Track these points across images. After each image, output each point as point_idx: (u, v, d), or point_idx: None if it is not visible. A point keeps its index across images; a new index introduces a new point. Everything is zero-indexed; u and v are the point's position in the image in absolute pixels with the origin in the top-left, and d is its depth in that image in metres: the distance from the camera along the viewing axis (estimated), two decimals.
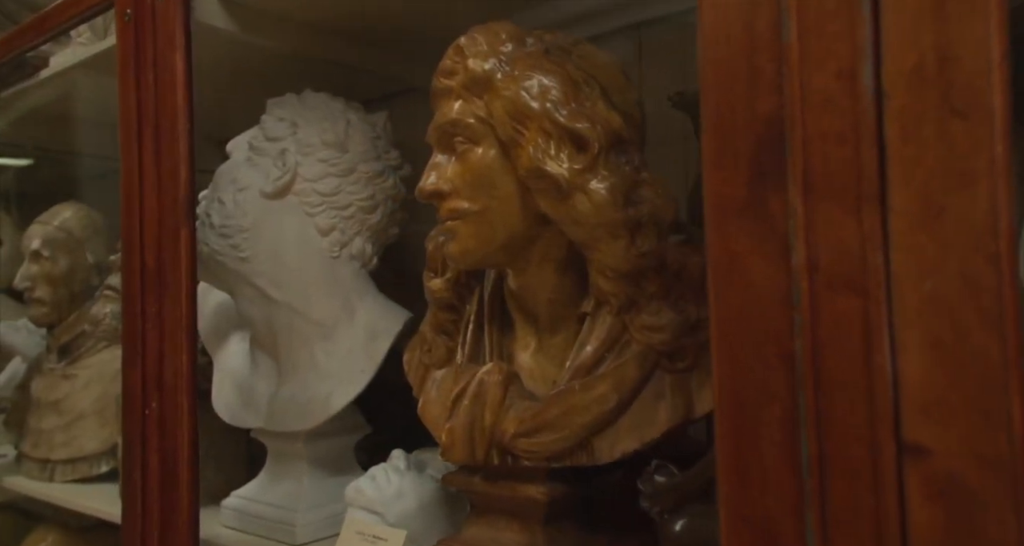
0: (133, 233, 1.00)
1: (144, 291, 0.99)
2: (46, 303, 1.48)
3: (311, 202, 1.03)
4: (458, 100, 0.78)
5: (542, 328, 0.85)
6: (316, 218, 1.03)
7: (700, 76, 0.49)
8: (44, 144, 1.80)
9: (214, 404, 1.11)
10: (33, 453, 1.49)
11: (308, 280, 1.03)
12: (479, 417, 0.78)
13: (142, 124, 0.99)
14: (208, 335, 1.17)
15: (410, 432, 1.33)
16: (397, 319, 1.06)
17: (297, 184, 1.03)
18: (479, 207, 0.78)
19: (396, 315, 1.07)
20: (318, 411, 1.01)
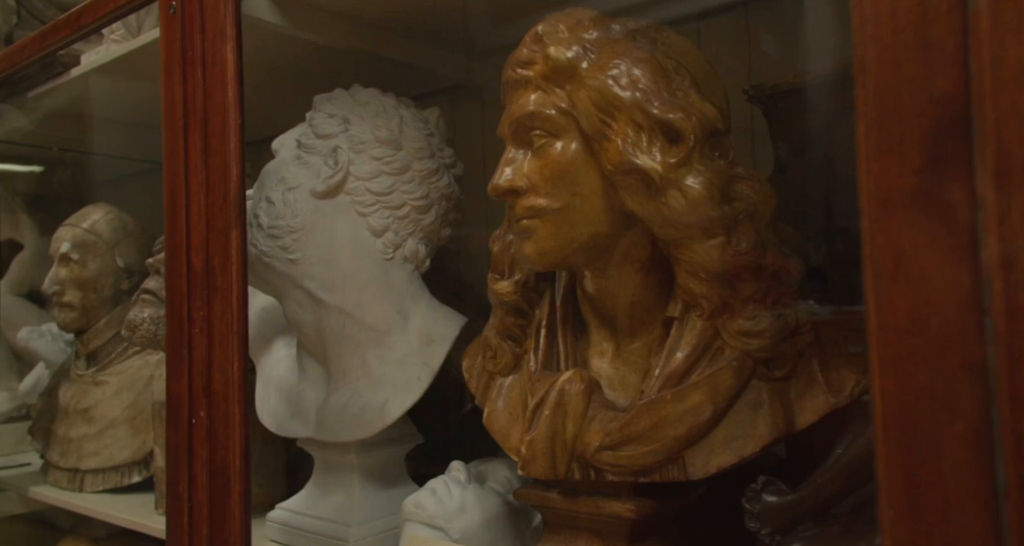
0: (179, 234, 0.95)
1: (191, 294, 0.94)
2: (75, 308, 1.44)
3: (364, 201, 0.98)
4: (536, 91, 0.74)
5: (620, 333, 0.80)
6: (369, 218, 0.99)
7: (856, 57, 0.44)
8: (70, 145, 1.75)
9: (259, 413, 1.07)
10: (61, 462, 1.44)
11: (361, 283, 0.98)
12: (560, 428, 0.73)
13: (189, 120, 0.94)
14: (252, 341, 1.12)
15: (457, 442, 1.29)
16: (453, 324, 1.01)
17: (349, 183, 0.98)
18: (559, 205, 0.74)
19: (452, 320, 1.02)
20: (373, 420, 0.96)
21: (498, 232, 0.89)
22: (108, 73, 1.37)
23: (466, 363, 0.94)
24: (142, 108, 1.61)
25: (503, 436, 0.83)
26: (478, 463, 0.99)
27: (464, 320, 1.02)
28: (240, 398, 0.89)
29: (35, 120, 1.58)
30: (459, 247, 1.27)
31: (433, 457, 1.16)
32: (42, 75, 1.42)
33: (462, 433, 1.25)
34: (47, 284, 1.43)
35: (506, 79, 0.78)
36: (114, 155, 1.80)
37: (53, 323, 1.89)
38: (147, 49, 1.28)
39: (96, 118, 1.67)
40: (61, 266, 1.44)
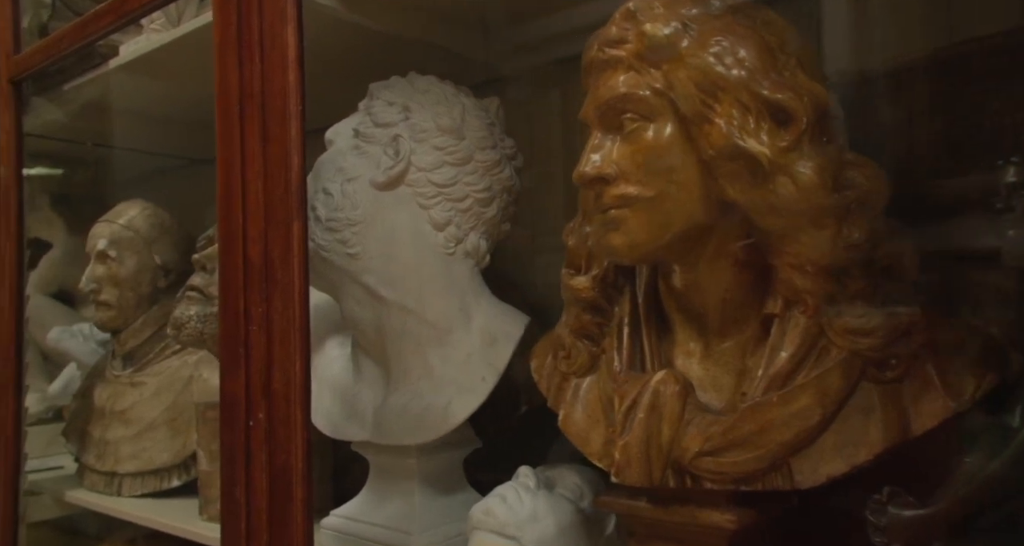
0: (234, 226, 0.91)
1: (247, 289, 0.89)
2: (112, 306, 1.40)
3: (425, 193, 0.94)
4: (629, 71, 0.69)
5: (710, 331, 0.75)
6: (431, 211, 0.94)
7: None
8: (104, 140, 1.72)
9: (312, 415, 1.02)
10: (98, 465, 1.40)
11: (423, 278, 0.94)
12: (655, 432, 0.68)
13: (245, 106, 0.90)
14: None
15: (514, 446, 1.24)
16: (517, 323, 0.97)
17: (411, 173, 0.94)
18: (653, 193, 0.69)
19: (515, 318, 0.97)
20: (436, 423, 0.91)
21: (572, 224, 0.85)
22: (147, 64, 1.34)
23: (535, 363, 0.90)
24: (177, 102, 1.58)
25: (582, 440, 0.79)
26: (544, 468, 0.94)
27: (527, 319, 0.98)
28: (302, 399, 0.84)
29: (69, 114, 1.54)
30: (503, 243, 1.22)
31: (490, 462, 1.12)
32: (78, 67, 1.38)
33: (518, 437, 1.20)
34: (83, 282, 1.39)
35: (590, 60, 0.74)
36: (148, 151, 1.77)
37: (85, 323, 1.86)
38: (188, 39, 1.24)
39: (130, 112, 1.63)
40: (98, 264, 1.40)
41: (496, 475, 1.14)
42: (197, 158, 1.89)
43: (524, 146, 1.22)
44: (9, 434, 1.37)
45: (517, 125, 1.31)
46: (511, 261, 1.33)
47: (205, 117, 1.70)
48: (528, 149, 1.21)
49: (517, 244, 1.26)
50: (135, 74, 1.39)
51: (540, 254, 1.37)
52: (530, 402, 1.12)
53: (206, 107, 1.61)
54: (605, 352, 0.81)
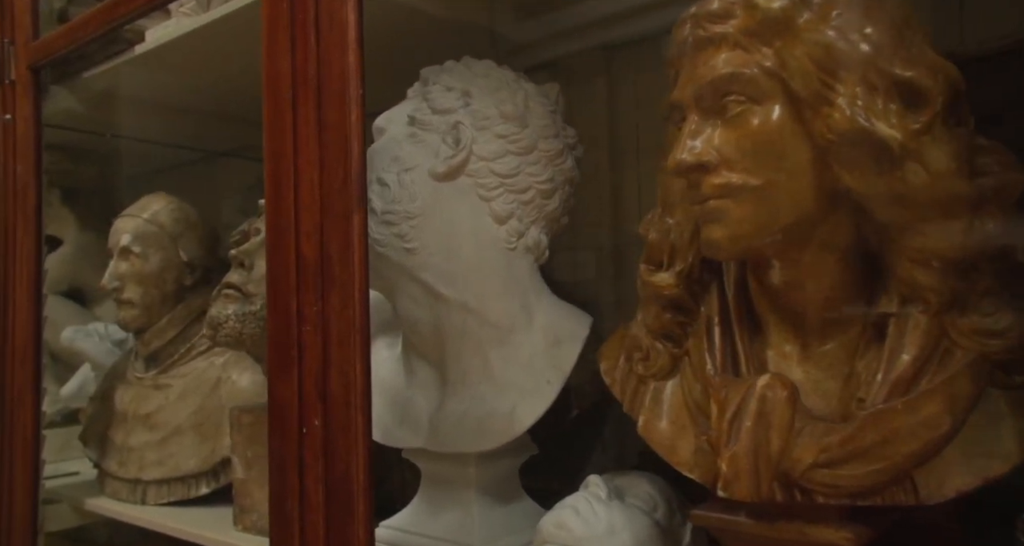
0: (284, 219, 0.85)
1: (300, 288, 0.84)
2: (136, 305, 1.33)
3: (487, 184, 0.88)
4: (734, 49, 0.63)
5: (809, 332, 0.70)
6: (492, 203, 0.89)
7: None
8: (123, 131, 1.65)
9: None
10: (120, 472, 1.34)
11: (484, 275, 0.88)
12: (763, 442, 0.63)
13: (298, 91, 0.84)
14: None
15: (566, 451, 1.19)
16: (582, 322, 0.91)
17: (471, 163, 0.88)
18: (760, 182, 0.63)
19: (579, 317, 0.92)
20: (500, 429, 0.86)
21: (651, 217, 0.79)
22: (174, 51, 1.27)
23: (604, 365, 0.84)
24: (200, 91, 1.51)
25: (668, 449, 0.73)
26: (612, 476, 0.89)
27: (591, 318, 0.92)
28: (363, 404, 0.78)
29: (88, 103, 1.47)
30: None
31: (540, 468, 1.06)
32: (101, 54, 1.32)
33: (572, 442, 1.15)
34: (106, 279, 1.33)
35: (684, 38, 0.68)
36: (166, 143, 1.70)
37: (99, 322, 1.80)
38: (219, 24, 1.18)
39: (150, 102, 1.57)
40: (121, 260, 1.33)
41: (548, 482, 1.08)
42: (215, 151, 1.83)
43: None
44: (28, 439, 1.31)
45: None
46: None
47: (229, 107, 1.66)
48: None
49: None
50: (160, 61, 1.33)
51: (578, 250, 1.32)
52: (580, 405, 1.07)
53: (231, 97, 1.57)
54: (689, 354, 0.76)
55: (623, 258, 1.28)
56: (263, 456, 1.10)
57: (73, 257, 1.95)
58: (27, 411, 1.31)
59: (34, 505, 1.32)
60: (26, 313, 1.31)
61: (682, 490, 0.87)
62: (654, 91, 1.23)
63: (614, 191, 1.29)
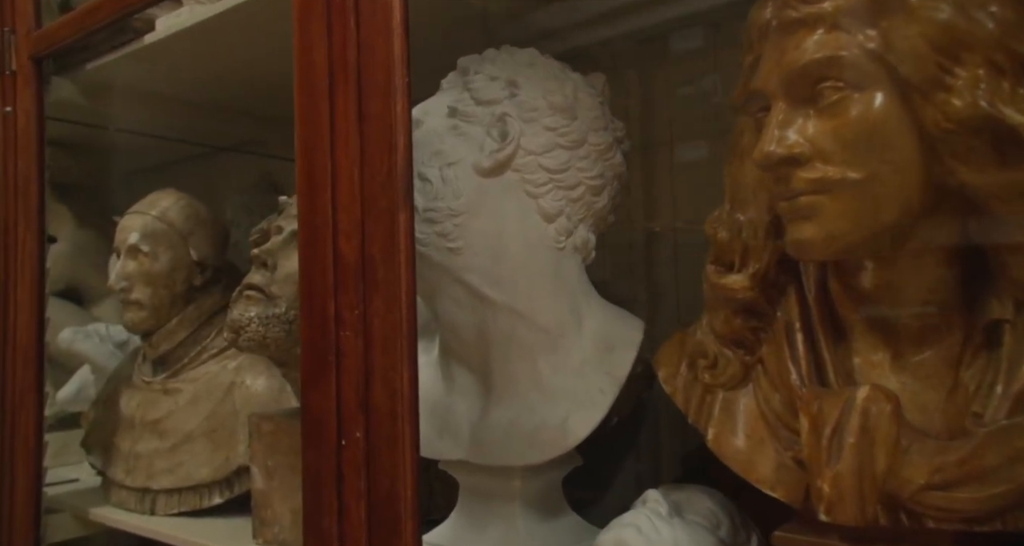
0: (319, 217, 0.79)
1: (338, 290, 0.78)
2: (144, 306, 1.27)
3: (535, 180, 0.83)
4: (833, 31, 0.58)
5: (903, 339, 0.65)
6: (540, 200, 0.83)
7: None
8: (125, 125, 1.58)
9: None
10: (128, 481, 1.27)
11: (532, 277, 0.83)
12: (867, 461, 0.58)
13: (336, 80, 0.78)
14: None
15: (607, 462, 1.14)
16: (634, 326, 0.86)
17: (519, 157, 0.83)
18: (861, 176, 0.58)
19: (631, 322, 0.87)
20: (552, 440, 0.81)
21: (718, 214, 0.74)
22: (185, 41, 1.21)
23: (663, 373, 0.79)
24: (208, 84, 1.45)
25: (744, 465, 0.69)
26: (668, 491, 0.84)
27: (642, 322, 0.87)
28: (410, 416, 0.73)
29: (90, 95, 1.41)
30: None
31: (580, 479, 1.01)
32: (107, 44, 1.25)
33: (609, 450, 1.10)
34: (113, 279, 1.26)
35: (766, 21, 0.63)
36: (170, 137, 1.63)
37: (100, 323, 1.73)
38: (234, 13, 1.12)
39: (155, 95, 1.50)
40: (129, 259, 1.27)
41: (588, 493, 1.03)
42: (220, 146, 1.76)
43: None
44: (30, 444, 1.25)
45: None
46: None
47: (237, 101, 1.60)
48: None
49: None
50: (169, 52, 1.26)
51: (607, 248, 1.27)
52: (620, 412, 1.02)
53: (240, 90, 1.50)
54: (763, 362, 0.71)
55: (655, 256, 1.23)
56: (285, 466, 1.05)
57: (70, 255, 1.88)
58: (29, 415, 1.24)
59: (36, 514, 1.26)
60: (28, 314, 1.25)
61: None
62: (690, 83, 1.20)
63: (646, 187, 1.24)
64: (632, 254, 1.26)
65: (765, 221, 0.69)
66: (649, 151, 1.22)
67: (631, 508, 0.84)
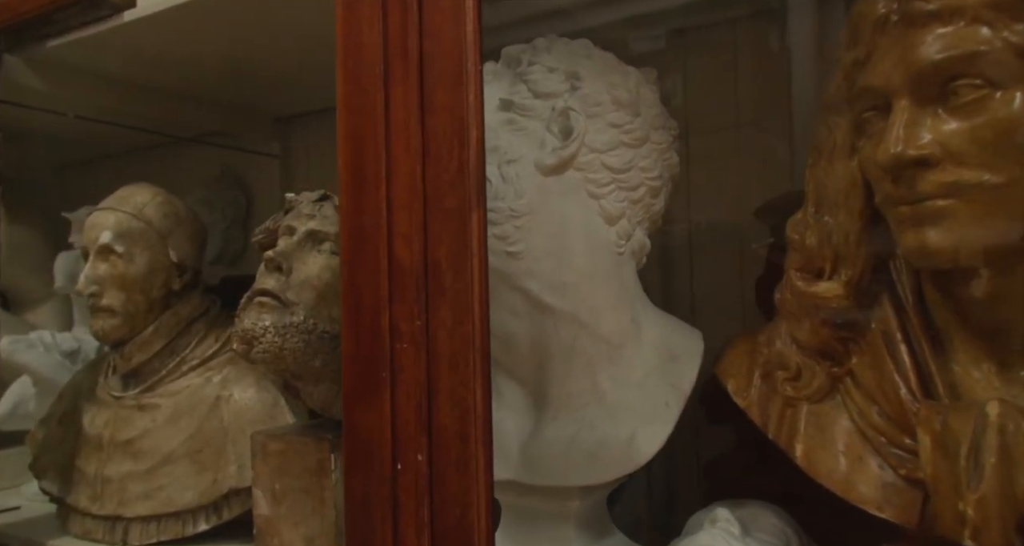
0: (370, 219, 0.72)
1: (393, 299, 0.71)
2: (117, 313, 1.14)
3: (598, 180, 0.78)
4: (973, 25, 0.56)
5: (1012, 351, 0.63)
6: (602, 201, 0.78)
7: None
8: (79, 111, 1.43)
9: None
10: (94, 508, 1.14)
11: (596, 283, 0.78)
12: (1007, 482, 0.55)
13: (393, 68, 0.71)
14: None
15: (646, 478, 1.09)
16: (693, 336, 0.82)
17: (582, 155, 0.77)
18: (1002, 179, 0.56)
19: (688, 331, 0.83)
20: (619, 459, 0.75)
21: (800, 217, 0.71)
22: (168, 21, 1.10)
23: (733, 385, 0.75)
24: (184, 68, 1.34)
25: (842, 484, 0.65)
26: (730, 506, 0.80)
27: (699, 332, 0.83)
28: (484, 437, 0.66)
29: (48, 78, 1.26)
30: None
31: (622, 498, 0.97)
32: (77, 19, 1.13)
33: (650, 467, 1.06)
34: (82, 283, 1.13)
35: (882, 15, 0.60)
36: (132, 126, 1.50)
37: (44, 331, 1.57)
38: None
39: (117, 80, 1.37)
40: (99, 261, 1.14)
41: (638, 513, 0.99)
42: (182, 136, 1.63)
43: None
44: None
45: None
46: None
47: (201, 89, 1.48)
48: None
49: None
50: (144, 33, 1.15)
51: None
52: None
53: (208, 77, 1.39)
54: (853, 373, 0.68)
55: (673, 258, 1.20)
56: (297, 489, 0.95)
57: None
58: None
59: None
60: None
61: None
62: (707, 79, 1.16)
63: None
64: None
65: (857, 226, 0.66)
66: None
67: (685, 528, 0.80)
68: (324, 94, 1.59)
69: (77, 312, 1.62)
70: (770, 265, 1.10)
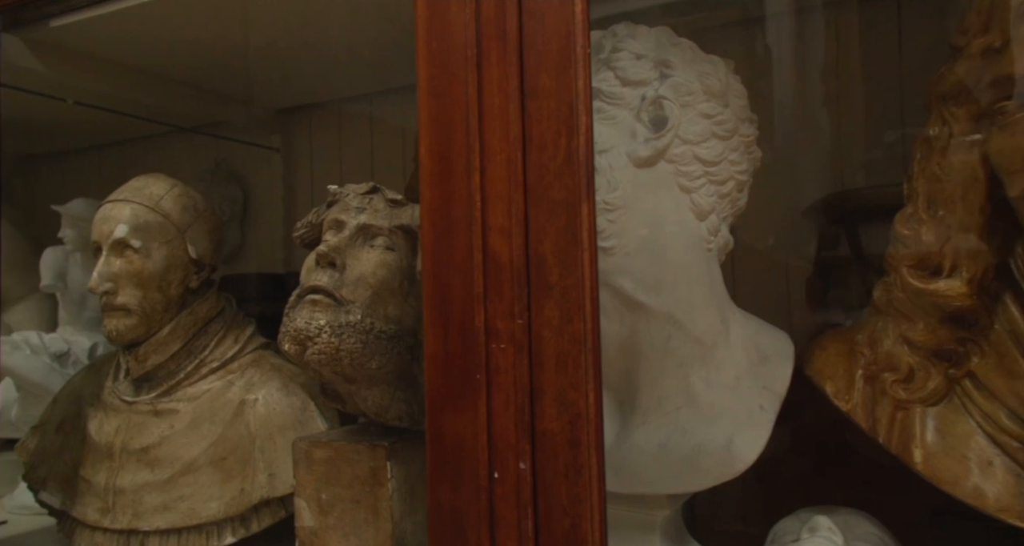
0: (459, 210, 0.67)
1: (488, 297, 0.66)
2: (133, 312, 1.06)
3: (690, 173, 0.74)
4: None
5: None
6: (693, 195, 0.75)
7: None
8: (89, 99, 1.34)
9: None
10: (105, 521, 1.06)
11: (690, 280, 0.74)
12: None
13: (487, 49, 0.66)
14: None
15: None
16: (781, 336, 0.80)
17: (674, 147, 0.74)
18: None
19: (773, 331, 0.80)
20: (719, 465, 0.72)
21: (911, 211, 0.69)
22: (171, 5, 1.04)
23: (832, 387, 0.73)
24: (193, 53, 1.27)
25: (971, 493, 0.63)
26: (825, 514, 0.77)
27: (785, 333, 0.80)
28: (597, 443, 0.62)
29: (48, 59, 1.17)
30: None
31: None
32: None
33: None
34: (95, 280, 1.05)
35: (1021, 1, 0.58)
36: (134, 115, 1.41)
37: (30, 332, 1.46)
38: None
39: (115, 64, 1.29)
40: (113, 256, 1.06)
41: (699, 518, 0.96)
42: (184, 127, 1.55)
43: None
44: None
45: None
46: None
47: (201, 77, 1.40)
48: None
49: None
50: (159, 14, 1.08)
51: None
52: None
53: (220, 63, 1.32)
54: (974, 375, 0.66)
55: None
56: (346, 499, 0.90)
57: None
58: None
59: None
60: None
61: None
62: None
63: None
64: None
65: (979, 222, 0.64)
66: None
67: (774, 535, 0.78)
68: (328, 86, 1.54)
69: (64, 312, 1.52)
70: (820, 265, 1.09)
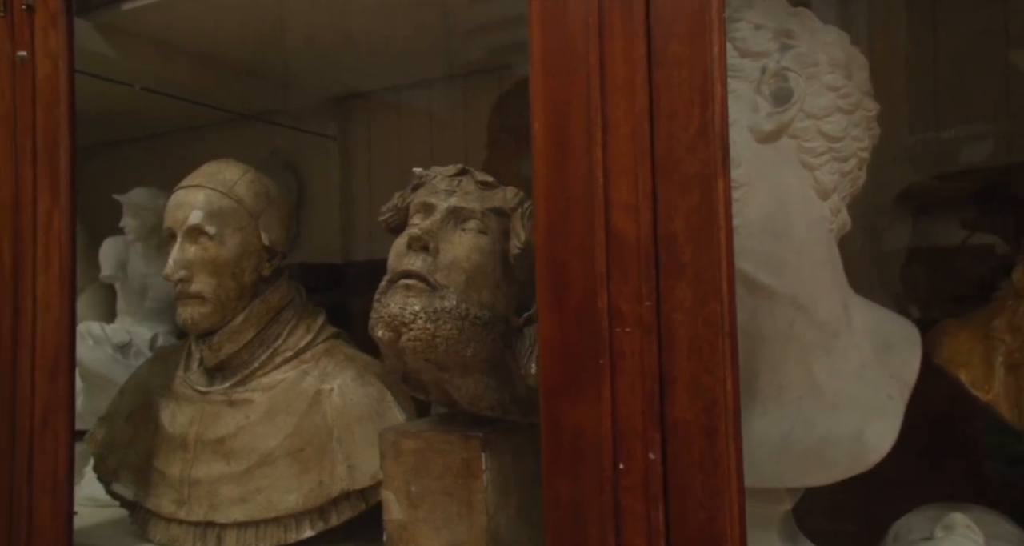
0: (577, 188, 0.64)
1: (612, 278, 0.62)
2: (207, 300, 1.04)
3: (813, 149, 0.70)
4: None
5: None
6: (816, 172, 0.71)
7: None
8: (154, 85, 1.32)
9: None
10: (181, 513, 1.04)
11: (814, 263, 0.71)
12: None
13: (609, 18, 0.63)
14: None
15: None
16: (904, 323, 0.75)
17: (797, 121, 0.70)
18: None
19: (896, 318, 0.77)
20: (849, 457, 0.68)
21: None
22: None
23: (968, 376, 0.71)
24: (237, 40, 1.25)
25: None
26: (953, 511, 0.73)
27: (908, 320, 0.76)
28: (735, 432, 0.58)
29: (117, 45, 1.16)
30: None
31: None
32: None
33: None
34: (170, 268, 1.03)
35: None
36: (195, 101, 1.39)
37: (92, 322, 1.45)
38: None
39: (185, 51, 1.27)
40: (188, 243, 1.04)
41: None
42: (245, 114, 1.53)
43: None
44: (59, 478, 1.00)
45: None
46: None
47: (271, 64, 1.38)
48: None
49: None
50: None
51: None
52: None
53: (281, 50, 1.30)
54: None
55: None
56: (436, 491, 0.87)
57: None
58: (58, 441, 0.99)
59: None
60: (56, 313, 1.00)
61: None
62: None
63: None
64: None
65: None
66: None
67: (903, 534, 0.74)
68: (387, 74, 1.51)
69: (123, 302, 1.50)
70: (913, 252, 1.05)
